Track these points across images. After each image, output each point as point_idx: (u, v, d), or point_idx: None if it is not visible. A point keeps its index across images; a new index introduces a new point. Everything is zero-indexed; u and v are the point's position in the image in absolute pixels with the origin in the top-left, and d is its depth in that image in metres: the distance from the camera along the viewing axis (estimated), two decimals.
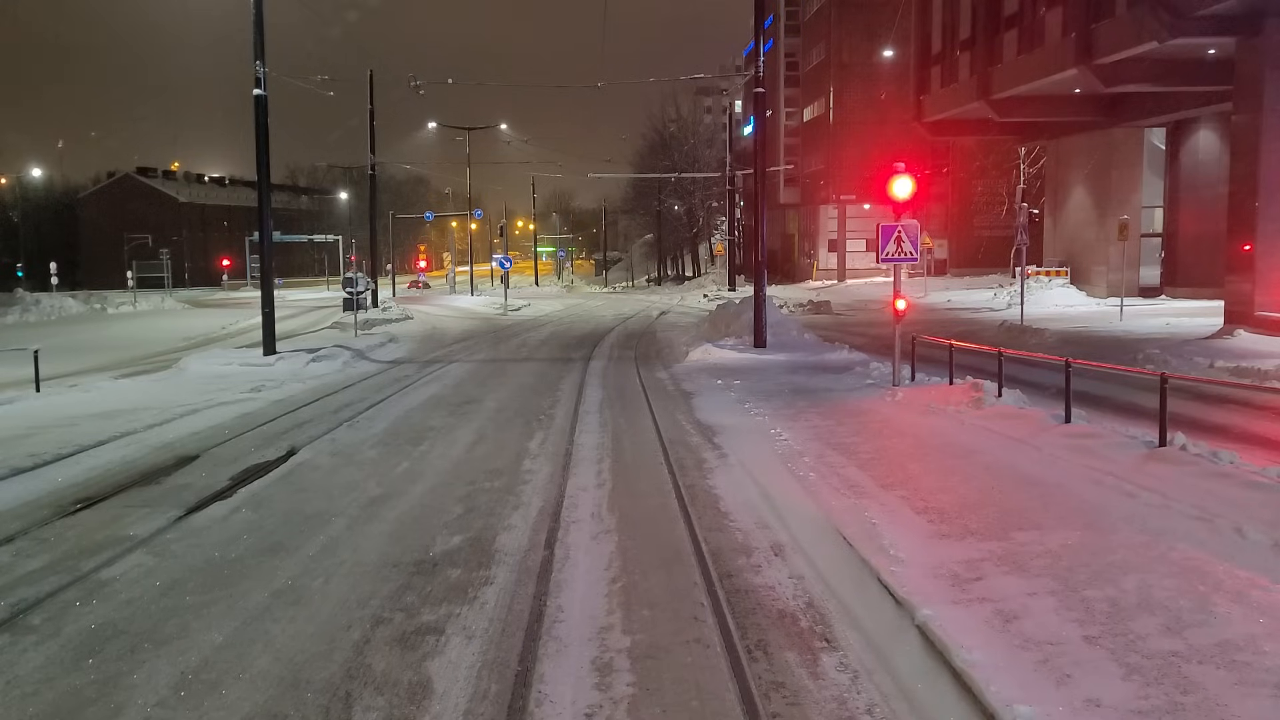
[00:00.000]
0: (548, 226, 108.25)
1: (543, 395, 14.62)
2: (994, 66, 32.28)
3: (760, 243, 20.61)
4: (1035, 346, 20.02)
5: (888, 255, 14.14)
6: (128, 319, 39.54)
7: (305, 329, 31.31)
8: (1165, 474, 7.41)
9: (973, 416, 10.87)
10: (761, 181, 20.97)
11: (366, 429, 11.73)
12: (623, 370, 18.06)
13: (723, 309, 24.36)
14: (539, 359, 20.65)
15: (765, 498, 7.84)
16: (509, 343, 25.08)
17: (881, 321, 30.08)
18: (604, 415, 12.51)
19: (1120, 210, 33.67)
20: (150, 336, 28.95)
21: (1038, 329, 22.46)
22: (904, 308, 14.24)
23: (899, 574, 5.42)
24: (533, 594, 5.75)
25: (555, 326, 31.27)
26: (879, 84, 52.19)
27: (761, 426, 11.13)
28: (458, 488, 8.55)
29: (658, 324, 31.09)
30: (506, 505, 7.89)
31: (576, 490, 8.34)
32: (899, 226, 14.03)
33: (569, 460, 9.63)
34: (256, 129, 19.64)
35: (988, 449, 9.07)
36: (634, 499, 8.04)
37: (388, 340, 24.19)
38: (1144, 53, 24.60)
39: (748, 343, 20.24)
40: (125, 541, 7.01)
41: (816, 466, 8.66)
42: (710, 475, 8.81)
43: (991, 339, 21.56)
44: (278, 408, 13.65)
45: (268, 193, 19.89)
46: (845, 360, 18.41)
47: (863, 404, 12.68)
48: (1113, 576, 5.29)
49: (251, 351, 20.05)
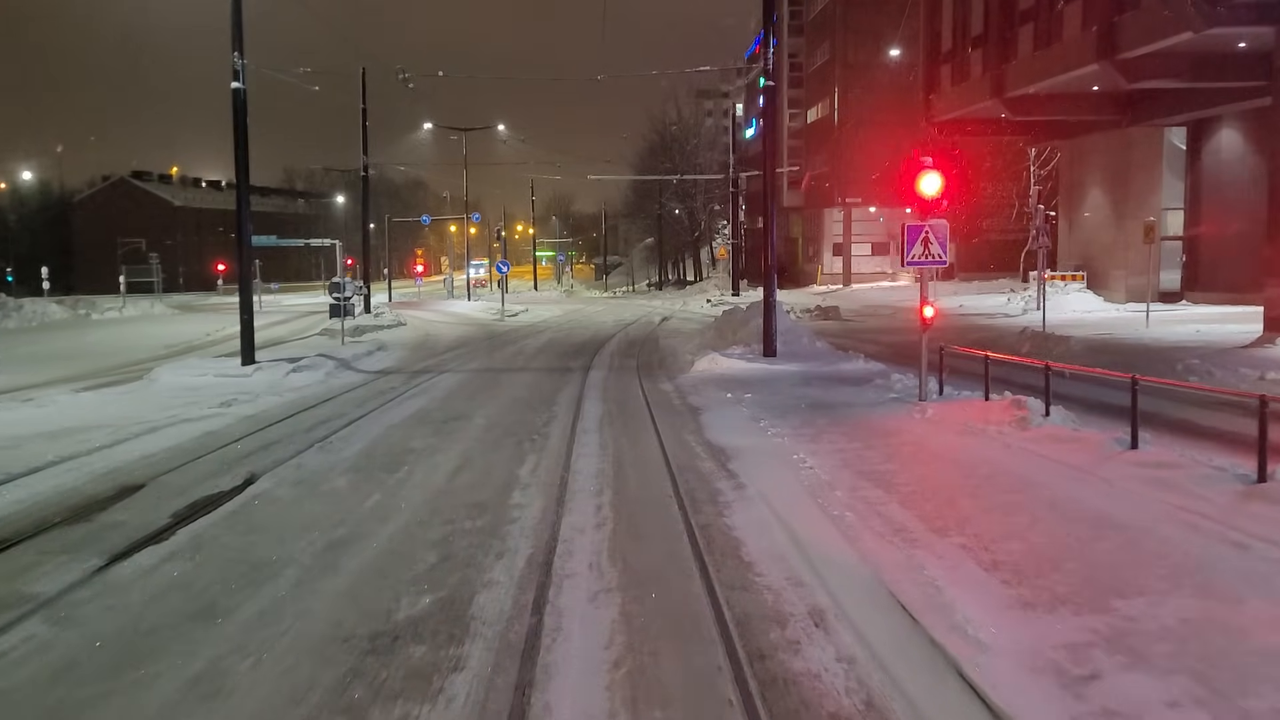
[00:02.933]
0: (547, 230, 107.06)
1: (537, 410, 13.41)
2: (1008, 63, 31.09)
3: (770, 245, 19.43)
4: (1062, 355, 18.81)
5: (914, 258, 12.94)
6: (112, 325, 38.33)
7: (294, 335, 30.12)
8: (1276, 518, 6.20)
9: (1019, 439, 9.66)
10: (771, 180, 19.79)
11: (339, 451, 10.52)
12: (624, 382, 16.86)
13: (729, 315, 23.17)
14: (535, 369, 19.44)
15: (795, 543, 6.63)
16: (504, 350, 23.88)
17: (893, 328, 28.87)
18: (604, 435, 11.30)
19: (1139, 212, 32.46)
20: (130, 344, 27.73)
21: (1061, 336, 21.23)
22: (932, 315, 13.02)
23: (986, 668, 4.21)
24: (513, 684, 4.54)
25: (553, 333, 30.07)
26: (885, 84, 51.05)
27: (781, 449, 9.92)
28: (434, 528, 7.34)
29: (660, 330, 29.88)
30: (489, 552, 6.68)
31: (572, 532, 7.13)
32: (926, 227, 12.84)
33: (564, 491, 8.42)
34: (235, 125, 18.47)
35: (1047, 481, 7.86)
36: (639, 544, 6.83)
37: (376, 348, 22.99)
38: (1171, 46, 23.42)
39: (757, 351, 19.03)
40: (25, 603, 5.80)
41: (851, 502, 7.46)
42: (727, 512, 7.60)
43: (1013, 347, 20.36)
44: (246, 425, 12.43)
45: (246, 192, 18.69)
46: (862, 371, 17.21)
47: (890, 422, 11.48)
48: (1269, 673, 4.08)
49: (230, 361, 18.84)
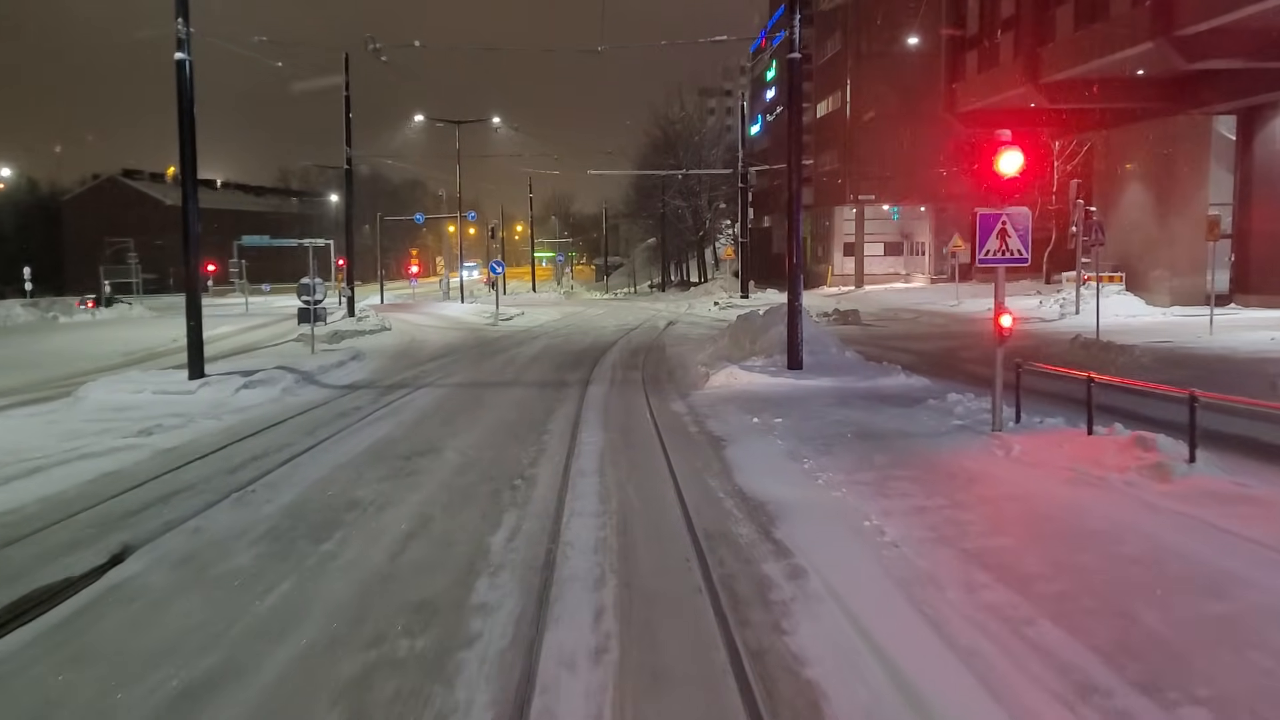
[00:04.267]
0: (547, 230, 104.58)
1: (524, 441, 10.96)
2: (1045, 46, 28.70)
3: (795, 240, 16.97)
4: (1127, 368, 16.35)
5: (987, 255, 10.48)
6: (80, 329, 35.90)
7: (268, 341, 27.66)
8: None
9: (1162, 496, 7.20)
10: (796, 157, 17.30)
11: (260, 506, 8.06)
12: (629, 400, 14.41)
13: (745, 321, 20.69)
14: (526, 383, 16.99)
15: (910, 701, 4.17)
16: (494, 360, 21.41)
17: (921, 334, 26.40)
18: (605, 480, 8.84)
19: (1185, 208, 30.01)
20: (86, 351, 25.27)
21: (1121, 345, 18.74)
22: (1010, 325, 10.54)
23: None
24: None
25: (550, 339, 27.59)
26: (901, 75, 48.61)
27: (840, 507, 7.47)
28: (351, 654, 4.88)
29: (666, 336, 27.40)
30: (425, 710, 4.24)
31: (557, 667, 4.67)
32: (1003, 216, 10.38)
33: (550, 580, 5.97)
34: (179, 102, 16.01)
35: (1258, 577, 5.40)
36: (661, 691, 4.38)
37: (350, 357, 20.52)
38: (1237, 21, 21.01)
39: (780, 363, 16.57)
40: None
41: (976, 615, 5.00)
42: (787, 624, 5.13)
43: (1065, 357, 17.92)
44: (159, 463, 9.97)
45: (193, 178, 16.19)
46: (905, 387, 14.76)
47: (968, 462, 9.02)
48: None
49: (177, 375, 16.37)
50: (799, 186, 17.25)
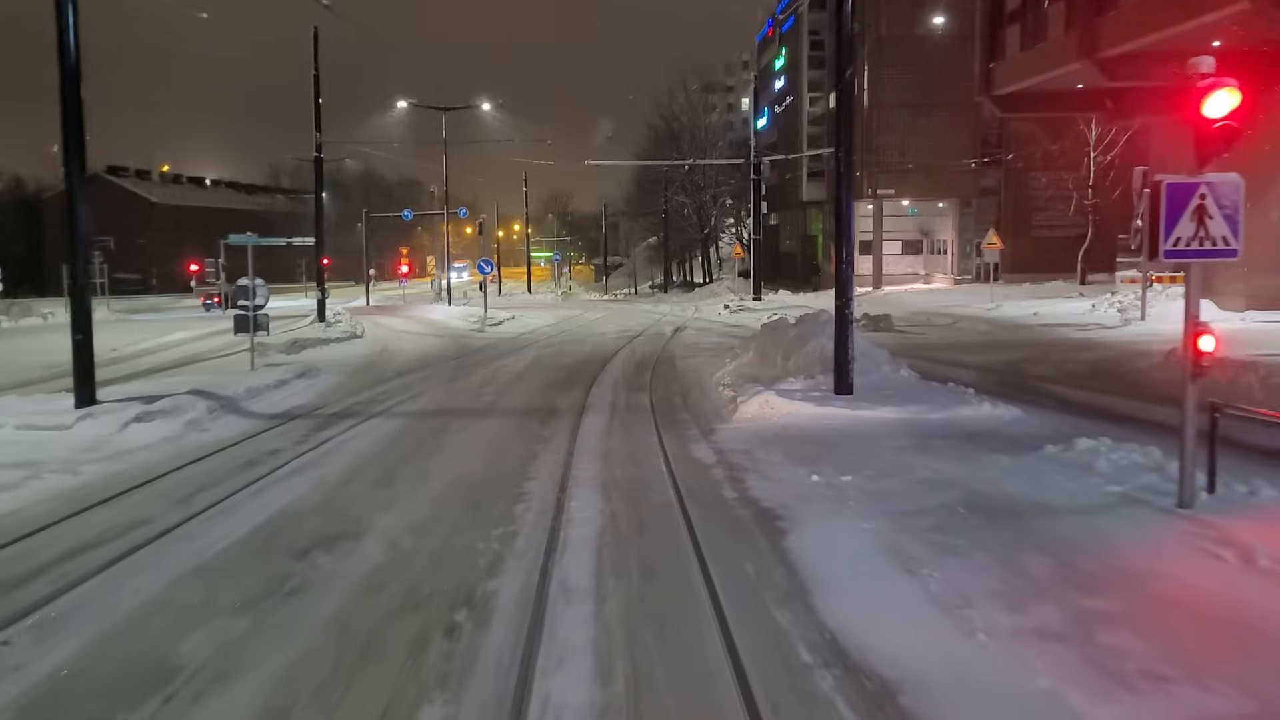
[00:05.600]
0: (544, 230, 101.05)
1: (486, 517, 7.48)
2: (1105, 15, 25.23)
3: (849, 237, 13.56)
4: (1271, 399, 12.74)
5: (1176, 245, 6.99)
6: (19, 335, 32.34)
7: (218, 351, 24.29)
8: None
9: None
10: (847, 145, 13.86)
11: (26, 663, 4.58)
12: (635, 438, 10.93)
13: (771, 332, 17.21)
14: (505, 411, 13.53)
15: None
16: (472, 376, 17.91)
17: (967, 343, 22.84)
18: (605, 615, 5.35)
19: (1263, 198, 26.48)
20: (9, 363, 21.76)
21: (1240, 361, 15.19)
22: (1212, 349, 7.05)
23: None
24: None
25: (541, 349, 24.09)
26: (925, 60, 45.14)
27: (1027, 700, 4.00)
28: None
29: (674, 346, 23.88)
30: None
31: None
32: (1202, 185, 6.91)
33: None
34: (61, 59, 12.53)
35: None
36: None
37: (299, 374, 17.01)
38: None
39: (824, 386, 13.10)
40: None
41: None
42: None
43: (1161, 377, 14.35)
44: None
45: (81, 152, 12.67)
46: (993, 420, 11.28)
47: (1184, 574, 5.58)
48: None
49: (64, 400, 12.91)
50: (849, 170, 13.84)
